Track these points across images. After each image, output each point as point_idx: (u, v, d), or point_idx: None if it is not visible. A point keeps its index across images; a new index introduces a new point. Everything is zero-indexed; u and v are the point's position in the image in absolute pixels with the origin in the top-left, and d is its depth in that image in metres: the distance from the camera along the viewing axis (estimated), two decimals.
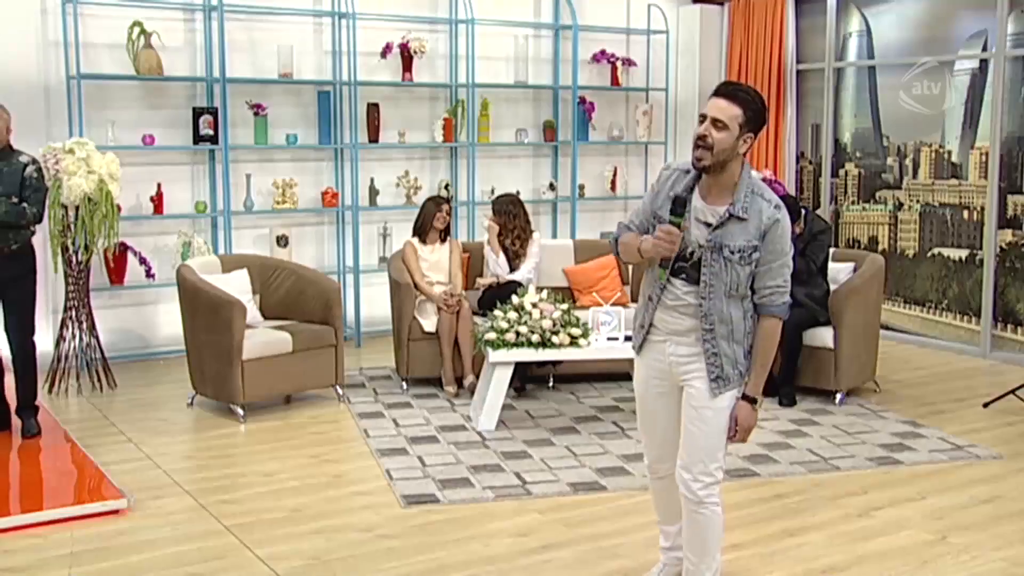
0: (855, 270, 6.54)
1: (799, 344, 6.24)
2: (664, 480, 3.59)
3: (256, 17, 7.58)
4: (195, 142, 7.28)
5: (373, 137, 7.99)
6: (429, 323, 6.45)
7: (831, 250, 6.54)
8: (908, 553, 4.14)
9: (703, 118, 3.14)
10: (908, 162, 8.20)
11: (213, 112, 7.27)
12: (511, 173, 8.76)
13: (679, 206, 3.17)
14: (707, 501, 3.34)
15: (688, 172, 3.28)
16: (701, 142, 3.13)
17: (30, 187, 5.26)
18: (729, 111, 3.11)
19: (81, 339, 6.44)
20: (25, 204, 5.21)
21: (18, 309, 5.39)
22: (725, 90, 3.17)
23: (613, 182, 9.16)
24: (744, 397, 3.32)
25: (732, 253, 3.18)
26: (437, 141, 8.23)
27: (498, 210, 6.95)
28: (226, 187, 7.37)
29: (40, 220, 5.35)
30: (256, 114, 7.50)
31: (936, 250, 8.00)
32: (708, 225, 3.22)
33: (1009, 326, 7.54)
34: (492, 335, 5.70)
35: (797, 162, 9.02)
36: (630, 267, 7.29)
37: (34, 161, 5.36)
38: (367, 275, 8.04)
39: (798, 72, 8.94)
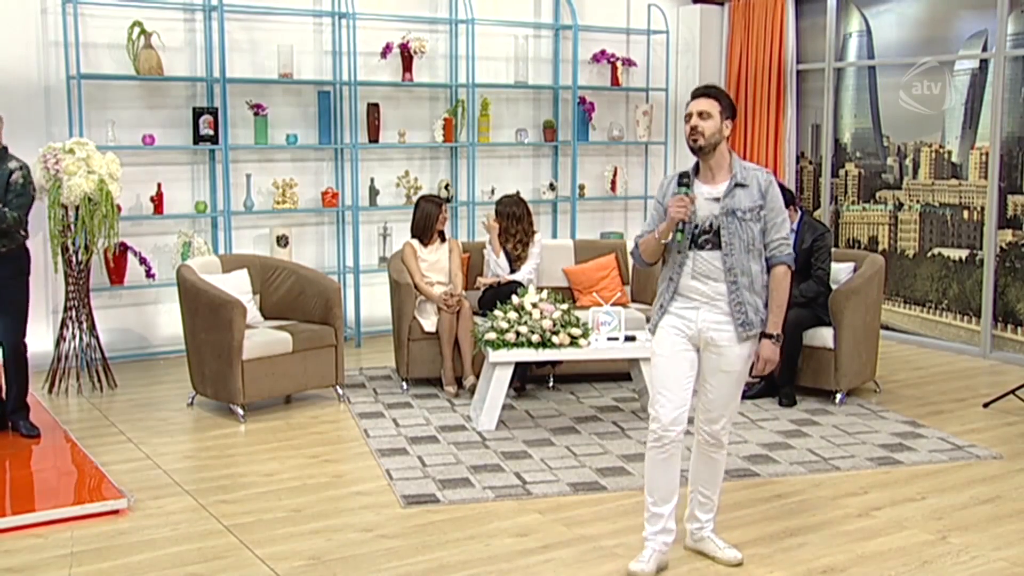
0: (855, 270, 6.53)
1: (799, 344, 6.24)
2: (670, 447, 3.87)
3: (256, 17, 7.58)
4: (195, 142, 7.28)
5: (373, 137, 8.00)
6: (429, 323, 6.45)
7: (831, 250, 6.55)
8: (908, 553, 4.14)
9: (689, 116, 3.80)
10: (908, 162, 8.20)
11: (213, 112, 7.27)
12: (511, 173, 8.76)
13: (685, 177, 3.82)
14: (726, 444, 3.97)
15: (682, 172, 3.90)
16: (694, 132, 3.79)
17: (13, 191, 5.21)
18: (709, 104, 3.80)
19: (81, 339, 6.44)
20: (6, 209, 5.19)
21: (10, 311, 5.37)
22: (702, 91, 3.85)
23: (613, 182, 9.16)
24: (764, 335, 3.85)
25: (744, 213, 3.78)
26: (437, 141, 8.23)
27: (501, 212, 6.92)
28: (226, 187, 7.38)
29: (20, 224, 5.25)
30: (256, 114, 7.50)
31: (936, 250, 8.00)
32: (717, 200, 3.80)
33: (1009, 326, 7.54)
34: (492, 335, 5.70)
35: (797, 162, 9.02)
36: (630, 267, 7.30)
37: (22, 167, 5.30)
38: (367, 275, 8.05)
39: (798, 72, 8.94)
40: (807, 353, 6.28)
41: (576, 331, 5.71)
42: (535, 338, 5.67)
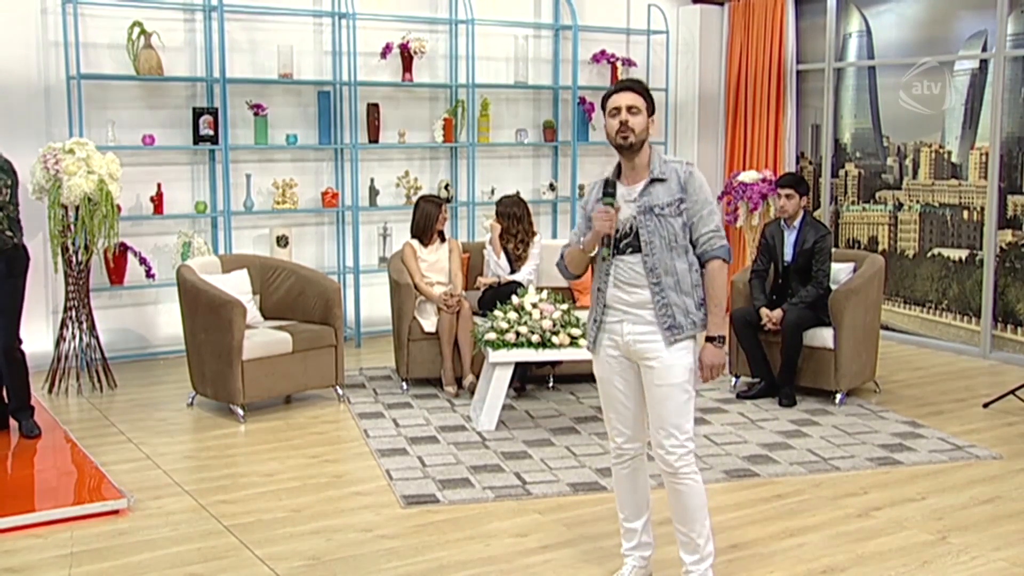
0: (855, 270, 6.54)
1: (799, 344, 6.24)
2: (631, 463, 3.74)
3: (256, 17, 7.58)
4: (195, 142, 7.28)
5: (373, 137, 8.00)
6: (429, 323, 6.45)
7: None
8: (908, 553, 4.14)
9: (617, 110, 3.55)
10: (908, 162, 8.20)
11: (213, 112, 7.27)
12: (511, 173, 8.76)
13: (609, 186, 3.55)
14: (683, 471, 3.55)
15: (606, 179, 3.64)
16: (624, 128, 3.53)
17: None
18: (637, 99, 3.56)
19: (81, 339, 6.44)
20: None
21: (3, 311, 5.35)
22: (627, 85, 3.62)
23: None
24: (708, 339, 3.58)
25: (662, 209, 3.52)
26: (437, 141, 8.23)
27: (502, 212, 6.92)
28: (226, 187, 7.38)
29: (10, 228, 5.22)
30: (256, 114, 7.50)
31: (936, 250, 8.00)
32: (635, 202, 3.56)
33: (1009, 326, 7.54)
34: (492, 335, 5.70)
35: (797, 162, 9.02)
36: None
37: (2, 166, 5.22)
38: (367, 275, 8.04)
39: (798, 72, 8.94)
40: (807, 353, 6.29)
41: (576, 331, 5.71)
42: (535, 338, 5.68)
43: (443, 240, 6.80)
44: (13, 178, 5.31)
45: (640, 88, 3.59)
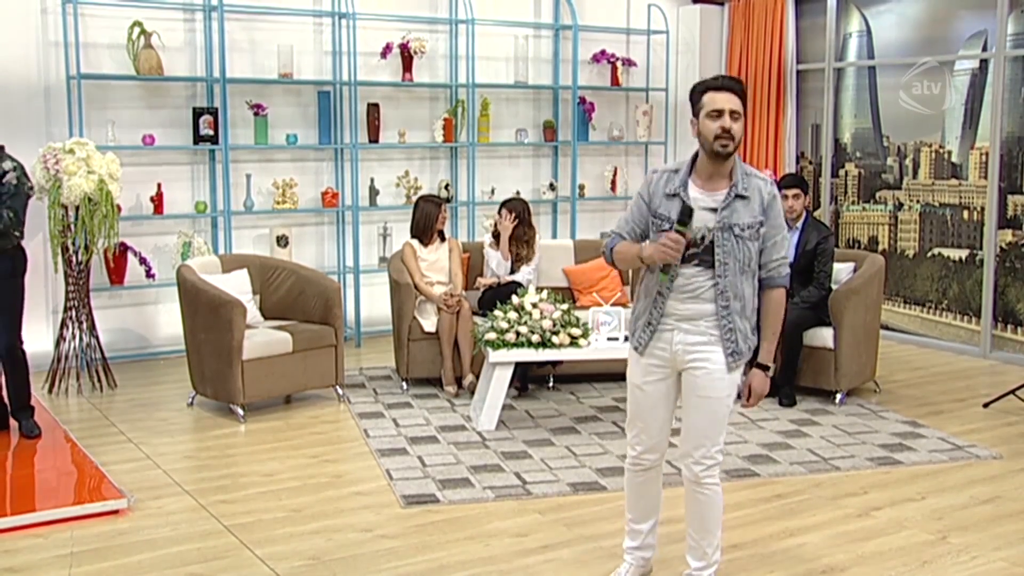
0: (855, 270, 6.54)
1: (799, 344, 6.24)
2: (649, 472, 3.66)
3: (256, 17, 7.58)
4: (195, 142, 7.28)
5: (373, 137, 8.00)
6: (429, 323, 6.45)
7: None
8: (908, 553, 4.14)
9: (719, 113, 3.29)
10: (908, 162, 8.20)
11: (213, 112, 7.27)
12: (511, 173, 8.76)
13: (686, 215, 3.30)
14: (707, 482, 3.50)
15: (676, 171, 3.44)
16: (726, 135, 3.28)
17: (7, 193, 5.19)
18: (739, 104, 3.32)
19: (81, 339, 6.44)
20: (3, 210, 5.17)
21: (3, 311, 5.35)
22: (729, 84, 3.35)
23: (613, 182, 9.16)
24: (757, 365, 3.50)
25: (742, 231, 3.33)
26: (437, 141, 8.23)
27: (512, 209, 6.86)
28: (226, 187, 7.38)
29: (15, 226, 5.22)
30: (256, 114, 7.50)
31: (936, 250, 8.00)
32: (712, 210, 3.35)
33: (1009, 326, 7.54)
34: (492, 335, 5.70)
35: (797, 162, 9.02)
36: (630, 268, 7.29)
37: (16, 168, 5.26)
38: (367, 275, 8.04)
39: (798, 72, 8.94)
40: (807, 353, 6.29)
41: (576, 331, 5.71)
42: (535, 338, 5.67)
43: (443, 240, 6.80)
44: (28, 181, 5.36)
45: (741, 90, 3.36)
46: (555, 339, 5.69)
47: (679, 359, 3.44)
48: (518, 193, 7.30)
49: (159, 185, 7.25)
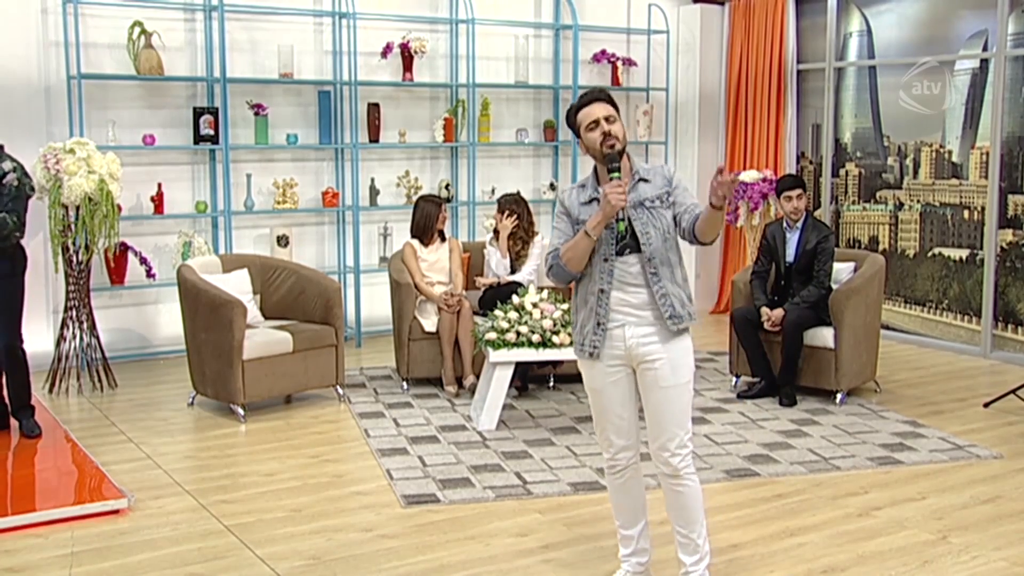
0: (855, 270, 6.53)
1: (799, 344, 6.24)
2: (625, 472, 3.69)
3: (256, 17, 7.58)
4: (195, 142, 7.28)
5: (373, 137, 8.00)
6: (429, 323, 6.45)
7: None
8: (908, 553, 4.14)
9: (595, 123, 3.49)
10: (908, 162, 8.20)
11: (213, 112, 7.28)
12: (511, 173, 8.76)
13: (612, 161, 3.46)
14: (685, 473, 3.55)
15: (584, 185, 3.62)
16: (609, 138, 3.49)
17: (8, 195, 5.18)
18: (609, 108, 3.53)
19: (81, 339, 6.44)
20: (5, 214, 5.17)
21: (3, 310, 5.35)
22: (596, 96, 3.56)
23: None
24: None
25: (652, 202, 3.52)
26: (437, 141, 8.23)
27: (507, 208, 6.87)
28: (226, 187, 7.38)
29: (18, 228, 5.22)
30: (256, 114, 7.50)
31: (936, 250, 8.00)
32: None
33: (1009, 326, 7.54)
34: (492, 335, 5.70)
35: (798, 162, 9.02)
36: None
37: (16, 168, 5.26)
38: (367, 275, 8.05)
39: (798, 72, 8.94)
40: (807, 353, 6.29)
41: None
42: (535, 338, 5.68)
43: (443, 240, 6.80)
44: (28, 181, 5.36)
45: (607, 96, 3.57)
46: (556, 339, 5.69)
47: (634, 353, 3.51)
48: (518, 192, 7.28)
49: (159, 185, 7.25)
